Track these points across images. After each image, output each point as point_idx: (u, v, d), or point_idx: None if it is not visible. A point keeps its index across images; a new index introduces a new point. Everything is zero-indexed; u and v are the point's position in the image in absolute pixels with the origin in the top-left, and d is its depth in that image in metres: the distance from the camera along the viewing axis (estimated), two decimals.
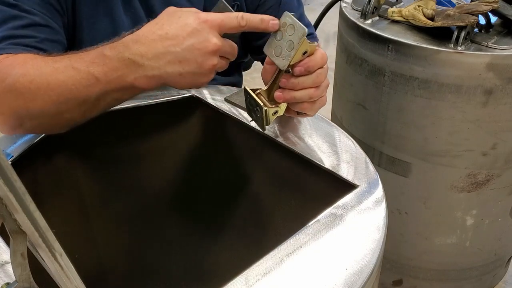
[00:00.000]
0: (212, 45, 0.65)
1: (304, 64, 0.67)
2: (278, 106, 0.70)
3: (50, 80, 0.67)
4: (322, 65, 0.70)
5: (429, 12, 1.18)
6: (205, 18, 0.66)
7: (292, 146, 0.76)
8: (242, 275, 0.52)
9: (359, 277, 0.52)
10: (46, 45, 0.80)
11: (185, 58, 0.65)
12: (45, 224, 0.33)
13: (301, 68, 0.67)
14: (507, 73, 1.13)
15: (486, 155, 1.24)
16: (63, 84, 0.67)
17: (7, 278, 0.52)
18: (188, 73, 0.66)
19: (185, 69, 0.66)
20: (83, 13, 0.87)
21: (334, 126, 0.82)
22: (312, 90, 0.70)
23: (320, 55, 0.69)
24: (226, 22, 0.66)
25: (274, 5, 1.01)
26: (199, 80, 0.68)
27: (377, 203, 0.64)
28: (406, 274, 1.49)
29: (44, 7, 0.81)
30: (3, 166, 0.29)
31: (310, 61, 0.67)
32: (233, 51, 0.70)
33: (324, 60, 0.70)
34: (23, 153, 0.75)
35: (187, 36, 0.65)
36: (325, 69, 0.71)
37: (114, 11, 0.88)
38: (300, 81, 0.69)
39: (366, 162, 0.73)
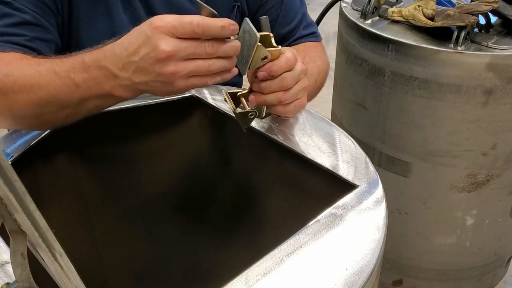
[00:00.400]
0: (161, 52, 0.61)
1: (267, 69, 0.68)
2: (254, 108, 0.72)
3: (33, 82, 0.68)
4: (287, 69, 0.69)
5: (429, 12, 1.18)
6: (156, 24, 0.61)
7: (292, 146, 0.76)
8: (242, 275, 0.52)
9: (359, 277, 0.52)
10: (37, 44, 0.79)
11: (144, 68, 0.63)
12: (45, 224, 0.33)
13: (263, 73, 0.68)
14: (507, 73, 1.13)
15: (486, 155, 1.24)
16: (45, 88, 0.68)
17: (7, 278, 0.52)
18: (154, 82, 0.64)
19: (148, 77, 0.64)
20: (81, 12, 0.86)
21: (334, 126, 0.82)
22: (280, 94, 0.70)
23: (284, 59, 0.68)
24: (177, 28, 0.61)
25: (276, 4, 1.01)
26: (169, 88, 0.65)
27: (377, 203, 0.64)
28: (406, 274, 1.49)
29: (37, 5, 0.81)
30: (3, 166, 0.29)
31: (273, 65, 0.68)
32: (204, 50, 0.63)
33: (290, 64, 0.69)
34: (23, 153, 0.75)
35: (142, 44, 0.62)
36: (294, 73, 0.70)
37: (113, 10, 0.88)
38: (266, 85, 0.69)
39: (366, 162, 0.72)
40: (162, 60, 0.61)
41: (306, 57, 0.93)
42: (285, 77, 0.69)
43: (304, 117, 0.83)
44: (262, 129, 0.80)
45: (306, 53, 0.96)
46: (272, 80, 0.69)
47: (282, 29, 1.01)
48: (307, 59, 0.92)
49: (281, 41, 1.01)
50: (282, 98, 0.71)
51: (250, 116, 0.73)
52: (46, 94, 0.68)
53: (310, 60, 0.93)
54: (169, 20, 0.61)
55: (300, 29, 1.02)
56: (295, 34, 1.01)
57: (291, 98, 0.71)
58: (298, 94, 0.72)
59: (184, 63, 0.62)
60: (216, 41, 0.63)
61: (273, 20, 1.00)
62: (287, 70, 0.69)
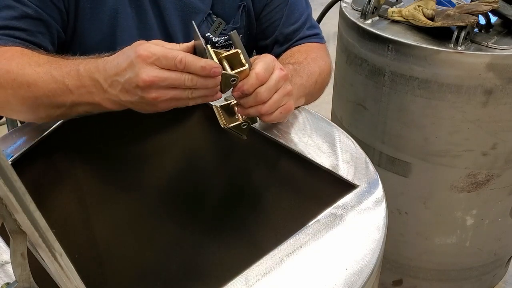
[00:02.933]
0: (141, 81, 0.64)
1: (238, 89, 0.69)
2: (243, 120, 0.74)
3: (31, 82, 0.72)
4: (260, 84, 0.69)
5: (429, 12, 1.18)
6: (140, 52, 0.64)
7: (292, 146, 0.76)
8: (242, 275, 0.52)
9: (359, 277, 0.52)
10: (38, 38, 0.82)
11: (128, 89, 0.67)
12: (45, 224, 0.33)
13: (237, 92, 0.70)
14: (507, 73, 1.13)
15: (486, 155, 1.24)
16: (41, 89, 0.72)
17: (7, 278, 0.52)
18: (138, 102, 0.68)
19: (132, 98, 0.67)
20: (87, 3, 0.87)
21: (334, 126, 0.82)
22: (258, 107, 0.71)
23: (254, 76, 0.69)
24: (161, 61, 0.64)
25: (281, 4, 1.01)
26: (153, 108, 0.69)
27: (377, 203, 0.64)
28: (406, 274, 1.49)
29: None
30: (3, 166, 0.29)
31: (244, 84, 0.69)
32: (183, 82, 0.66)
33: (261, 79, 0.69)
34: (23, 153, 0.75)
35: (126, 68, 0.66)
36: (268, 85, 0.70)
37: (119, 2, 0.88)
38: (244, 102, 0.71)
39: (366, 162, 0.73)
40: (142, 87, 0.65)
41: (308, 58, 0.93)
42: (258, 92, 0.70)
43: (304, 117, 0.83)
44: (262, 129, 0.80)
45: (308, 53, 0.95)
46: (247, 97, 0.70)
47: (286, 29, 1.01)
48: (308, 60, 0.92)
49: (285, 41, 1.01)
50: (262, 111, 0.71)
51: (243, 126, 0.74)
52: (42, 95, 0.72)
53: (312, 61, 0.93)
54: (154, 52, 0.64)
55: (304, 29, 1.02)
56: (298, 34, 1.01)
57: (271, 108, 0.72)
58: (280, 102, 0.73)
59: (165, 91, 0.66)
60: (196, 76, 0.66)
61: (277, 19, 1.01)
62: (260, 85, 0.70)
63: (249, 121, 0.74)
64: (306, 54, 0.95)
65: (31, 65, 0.73)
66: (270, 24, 1.01)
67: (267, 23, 1.01)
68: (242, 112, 0.73)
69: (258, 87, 0.69)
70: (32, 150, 0.76)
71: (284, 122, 0.81)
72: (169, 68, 0.65)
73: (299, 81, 0.85)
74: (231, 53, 0.69)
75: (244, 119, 0.74)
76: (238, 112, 0.74)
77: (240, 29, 0.99)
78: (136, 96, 0.67)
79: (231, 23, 0.97)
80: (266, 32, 1.02)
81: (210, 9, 0.95)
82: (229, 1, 0.97)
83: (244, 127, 0.74)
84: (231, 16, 0.97)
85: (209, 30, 0.96)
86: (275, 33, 1.01)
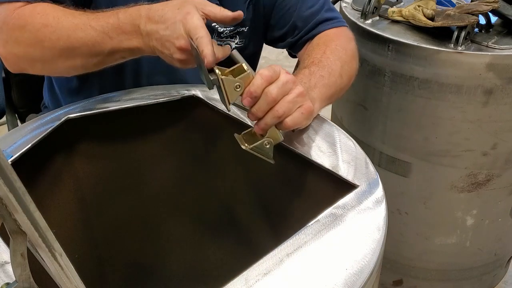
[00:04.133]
0: (178, 44, 0.72)
1: (246, 94, 0.68)
2: (267, 137, 0.71)
3: (70, 33, 0.77)
4: (267, 84, 0.68)
5: (429, 12, 1.18)
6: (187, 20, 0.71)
7: (292, 146, 0.76)
8: (242, 275, 0.52)
9: (359, 277, 0.52)
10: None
11: (163, 43, 0.74)
12: (45, 224, 0.33)
13: (245, 98, 0.68)
14: (507, 73, 1.13)
15: (486, 155, 1.24)
16: (81, 39, 0.77)
17: (7, 278, 0.52)
18: (167, 55, 0.75)
19: (164, 50, 0.75)
20: None
21: (334, 126, 0.82)
22: (275, 109, 0.69)
23: (259, 76, 0.68)
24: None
25: None
26: (177, 64, 0.76)
27: (377, 203, 0.64)
28: (406, 274, 1.49)
29: None
30: (3, 166, 0.29)
31: (251, 87, 0.67)
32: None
33: (267, 78, 0.68)
34: (23, 153, 0.75)
35: (169, 26, 0.72)
36: (277, 84, 0.69)
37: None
38: (256, 108, 0.69)
39: (366, 162, 0.73)
40: (177, 47, 0.73)
41: (327, 51, 0.90)
42: (267, 91, 0.68)
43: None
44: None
45: (327, 45, 0.93)
46: (258, 101, 0.68)
47: (303, 13, 0.99)
48: (327, 53, 0.90)
49: (303, 25, 0.99)
50: (280, 111, 0.69)
51: (266, 145, 0.71)
52: (81, 44, 0.77)
53: (331, 53, 0.90)
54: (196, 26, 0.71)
55: (322, 12, 1.00)
56: (316, 17, 0.99)
57: (287, 109, 0.69)
58: (295, 102, 0.70)
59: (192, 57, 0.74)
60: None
61: (293, 5, 1.00)
62: (267, 85, 0.68)
63: (271, 138, 0.71)
64: (324, 47, 0.92)
65: (68, 17, 0.78)
66: (287, 11, 1.00)
67: (283, 10, 1.01)
68: (259, 127, 0.70)
69: (266, 87, 0.68)
70: (32, 150, 0.76)
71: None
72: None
73: (321, 82, 0.83)
74: (235, 67, 0.68)
75: (265, 137, 0.71)
76: (256, 130, 0.70)
77: (245, 21, 0.99)
78: (168, 51, 0.74)
79: None
80: (283, 20, 1.01)
81: (217, 1, 0.95)
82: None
83: (267, 146, 0.71)
84: (238, 8, 0.97)
85: None
86: (292, 19, 1.00)
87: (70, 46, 0.77)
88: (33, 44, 0.79)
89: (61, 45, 0.77)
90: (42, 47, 0.78)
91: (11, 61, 0.84)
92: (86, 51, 0.78)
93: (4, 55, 0.83)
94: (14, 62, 0.84)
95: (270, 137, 0.71)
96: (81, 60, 0.80)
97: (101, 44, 0.77)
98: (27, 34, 0.78)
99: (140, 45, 0.76)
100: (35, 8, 0.80)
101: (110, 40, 0.76)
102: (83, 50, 0.78)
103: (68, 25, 0.77)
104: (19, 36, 0.79)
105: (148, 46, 0.76)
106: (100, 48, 0.77)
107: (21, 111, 1.29)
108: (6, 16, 0.80)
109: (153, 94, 0.89)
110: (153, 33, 0.74)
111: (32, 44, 0.79)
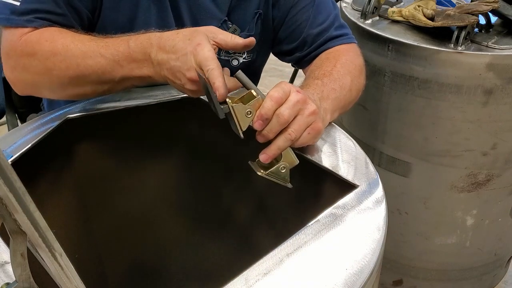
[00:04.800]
0: (189, 75, 0.71)
1: (257, 117, 0.66)
2: (280, 162, 0.69)
3: (80, 62, 0.76)
4: (278, 106, 0.67)
5: (429, 12, 1.18)
6: (198, 51, 0.70)
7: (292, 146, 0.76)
8: (242, 275, 0.52)
9: (359, 277, 0.52)
10: (69, 20, 0.83)
11: (174, 73, 0.73)
12: (45, 224, 0.33)
13: (257, 122, 0.67)
14: (507, 73, 1.13)
15: (486, 155, 1.24)
16: (91, 68, 0.76)
17: (7, 278, 0.52)
18: (178, 85, 0.74)
19: (175, 80, 0.74)
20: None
21: (334, 126, 0.82)
22: (287, 133, 0.68)
23: (269, 99, 0.67)
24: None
25: (308, 5, 0.99)
26: (187, 93, 0.76)
27: (377, 203, 0.64)
28: (406, 274, 1.49)
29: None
30: (3, 166, 0.29)
31: (261, 109, 0.66)
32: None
33: (277, 100, 0.67)
34: (23, 153, 0.75)
35: (180, 56, 0.71)
36: (288, 104, 0.67)
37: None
38: (268, 130, 0.67)
39: (366, 162, 0.73)
40: (188, 78, 0.72)
41: (338, 65, 0.90)
42: (279, 113, 0.67)
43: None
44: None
45: (337, 59, 0.93)
46: (269, 123, 0.67)
47: (313, 30, 0.99)
48: (338, 67, 0.89)
49: (313, 42, 0.99)
50: (292, 133, 0.68)
51: (282, 170, 0.70)
52: (91, 72, 0.76)
53: (342, 67, 0.90)
54: (208, 57, 0.69)
55: (331, 29, 0.99)
56: (326, 34, 0.99)
57: (300, 127, 0.68)
58: (306, 122, 0.69)
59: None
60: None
61: (304, 20, 0.99)
62: (278, 106, 0.67)
63: (287, 162, 0.70)
64: (335, 61, 0.92)
65: (77, 45, 0.77)
66: (297, 26, 1.00)
67: (294, 25, 1.00)
68: (268, 155, 0.68)
69: (277, 109, 0.67)
70: (32, 150, 0.76)
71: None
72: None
73: (333, 94, 0.82)
74: (245, 94, 0.67)
75: (281, 161, 0.70)
76: (263, 160, 0.69)
77: (254, 36, 0.98)
78: (179, 81, 0.73)
79: (246, 30, 0.97)
80: (294, 35, 1.00)
81: (226, 16, 0.95)
82: (246, 9, 0.96)
83: (283, 170, 0.70)
84: (247, 24, 0.97)
85: None
86: (302, 35, 0.99)
87: (79, 75, 0.77)
88: (42, 73, 0.78)
89: (71, 74, 0.77)
90: (51, 76, 0.78)
91: (19, 87, 0.84)
92: (95, 79, 0.77)
93: (12, 80, 0.83)
94: (22, 87, 0.84)
95: (286, 161, 0.70)
96: (91, 87, 0.79)
97: (111, 72, 0.76)
98: (35, 62, 0.77)
99: (151, 74, 0.75)
100: (43, 34, 0.78)
101: (120, 68, 0.76)
102: (93, 78, 0.77)
103: (77, 53, 0.76)
104: (27, 64, 0.78)
105: (159, 75, 0.75)
106: (111, 76, 0.77)
107: (21, 111, 1.29)
108: (13, 42, 0.79)
109: (153, 94, 0.89)
110: (164, 63, 0.73)
111: (41, 73, 0.78)
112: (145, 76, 0.76)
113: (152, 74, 0.75)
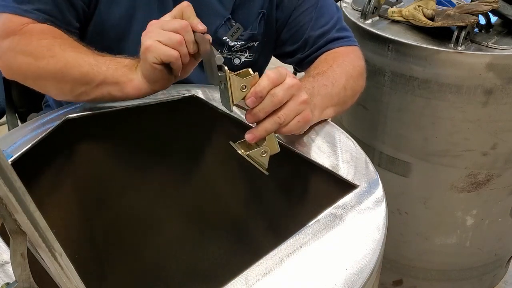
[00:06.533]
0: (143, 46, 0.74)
1: (251, 93, 0.66)
2: (262, 146, 0.69)
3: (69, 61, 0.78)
4: (273, 86, 0.67)
5: (429, 12, 1.18)
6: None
7: (292, 146, 0.76)
8: (242, 275, 0.52)
9: (359, 277, 0.52)
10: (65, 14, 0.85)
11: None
12: (45, 224, 0.33)
13: (251, 98, 0.66)
14: (507, 73, 1.13)
15: (486, 155, 1.24)
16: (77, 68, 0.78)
17: (7, 278, 0.52)
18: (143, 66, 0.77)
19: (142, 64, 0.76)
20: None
21: (334, 126, 0.82)
22: (277, 116, 0.68)
23: (265, 78, 0.67)
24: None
25: (311, 6, 0.99)
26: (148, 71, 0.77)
27: (377, 203, 0.64)
28: (406, 274, 1.49)
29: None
30: (3, 166, 0.29)
31: (257, 86, 0.66)
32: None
33: (273, 80, 0.67)
34: (23, 153, 0.75)
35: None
36: (283, 86, 0.68)
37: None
38: (259, 108, 0.67)
39: (366, 162, 0.73)
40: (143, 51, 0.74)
41: (334, 65, 0.90)
42: (273, 93, 0.67)
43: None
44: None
45: (334, 60, 0.92)
46: (263, 101, 0.67)
47: (315, 32, 0.99)
48: (334, 67, 0.89)
49: (314, 43, 0.99)
50: (281, 117, 0.68)
51: (263, 154, 0.69)
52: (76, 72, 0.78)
53: (338, 67, 0.90)
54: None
55: (333, 31, 1.00)
56: (327, 36, 0.99)
57: (290, 113, 0.69)
58: (296, 110, 0.69)
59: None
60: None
61: (306, 22, 0.99)
62: (273, 87, 0.67)
63: (268, 147, 0.69)
64: (332, 62, 0.92)
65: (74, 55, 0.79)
66: (300, 28, 1.00)
67: (296, 27, 1.00)
68: (255, 135, 0.68)
69: (272, 89, 0.67)
70: (32, 150, 0.76)
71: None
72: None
73: (324, 90, 0.82)
74: (242, 71, 0.67)
75: (263, 145, 0.69)
76: (249, 139, 0.68)
77: (257, 36, 0.99)
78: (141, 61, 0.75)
79: (249, 29, 0.97)
80: (296, 36, 1.01)
81: (229, 14, 0.95)
82: (250, 9, 0.96)
83: (264, 155, 0.69)
84: (250, 23, 0.97)
85: (227, 34, 0.96)
86: (304, 36, 0.99)
87: (64, 71, 0.78)
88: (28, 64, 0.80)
89: (57, 68, 0.78)
90: (37, 66, 0.79)
91: (5, 72, 0.86)
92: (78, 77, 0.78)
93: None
94: (11, 75, 0.86)
95: (268, 146, 0.69)
96: (70, 85, 0.80)
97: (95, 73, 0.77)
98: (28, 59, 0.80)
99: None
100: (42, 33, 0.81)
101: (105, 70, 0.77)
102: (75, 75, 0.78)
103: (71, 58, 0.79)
104: (19, 51, 0.81)
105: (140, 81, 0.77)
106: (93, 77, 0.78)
107: (21, 111, 1.29)
108: (13, 28, 0.81)
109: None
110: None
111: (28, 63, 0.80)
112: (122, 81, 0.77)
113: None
